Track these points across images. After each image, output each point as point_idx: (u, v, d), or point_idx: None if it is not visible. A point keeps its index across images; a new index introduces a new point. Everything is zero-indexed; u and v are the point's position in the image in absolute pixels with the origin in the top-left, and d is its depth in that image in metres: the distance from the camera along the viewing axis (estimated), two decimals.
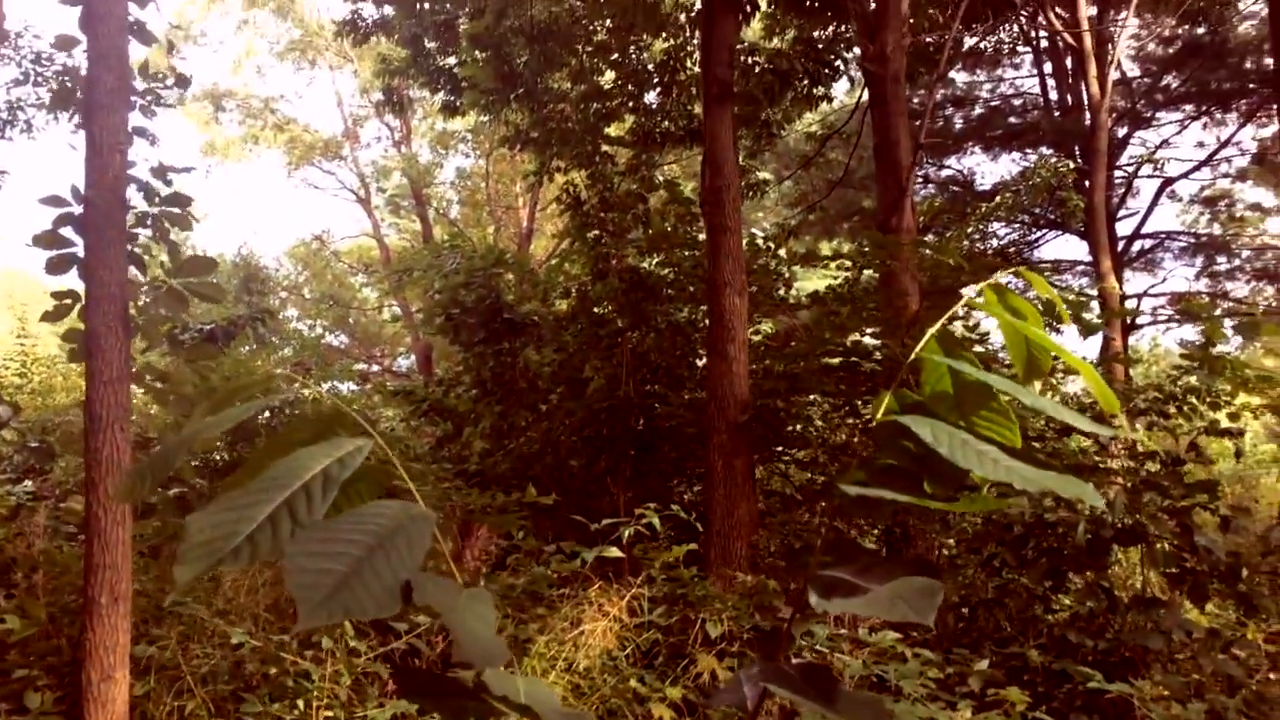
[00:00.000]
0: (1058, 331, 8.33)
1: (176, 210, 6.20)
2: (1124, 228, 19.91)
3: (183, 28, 25.48)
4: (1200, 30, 18.39)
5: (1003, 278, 1.73)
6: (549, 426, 11.81)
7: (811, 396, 10.17)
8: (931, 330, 1.72)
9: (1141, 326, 19.98)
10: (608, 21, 13.52)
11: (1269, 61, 16.67)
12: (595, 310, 12.27)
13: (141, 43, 6.13)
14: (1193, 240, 20.81)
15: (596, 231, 12.70)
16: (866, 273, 10.51)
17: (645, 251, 12.12)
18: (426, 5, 12.19)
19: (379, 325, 30.33)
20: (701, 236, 11.34)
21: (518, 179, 24.96)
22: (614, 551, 6.30)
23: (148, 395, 6.69)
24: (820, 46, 13.17)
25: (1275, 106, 16.39)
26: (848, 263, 10.62)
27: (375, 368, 30.24)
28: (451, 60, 13.46)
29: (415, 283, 14.05)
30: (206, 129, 28.33)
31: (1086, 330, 6.83)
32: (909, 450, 1.71)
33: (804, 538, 8.59)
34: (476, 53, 12.51)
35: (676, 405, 11.53)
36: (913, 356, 1.74)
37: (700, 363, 11.78)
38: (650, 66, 14.02)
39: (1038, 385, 1.88)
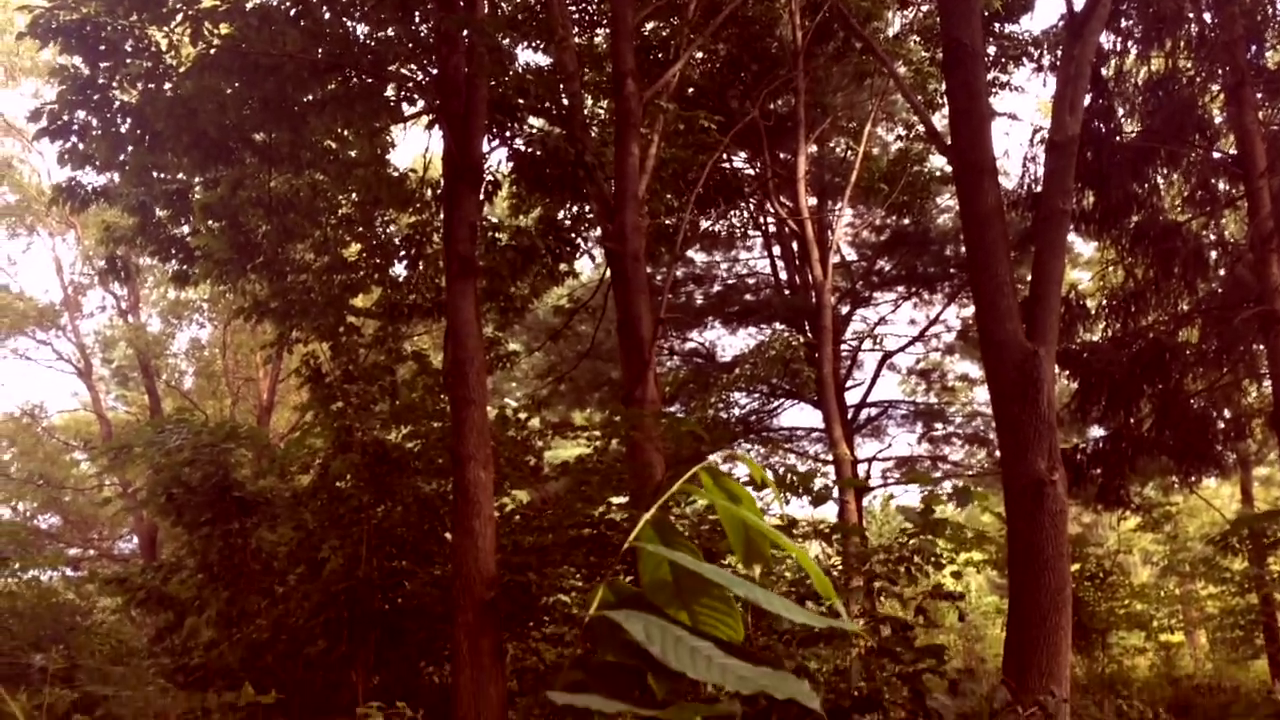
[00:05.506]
0: (798, 495, 8.58)
1: None
2: (853, 396, 21.28)
3: None
4: (905, 221, 20.44)
5: (718, 460, 1.71)
6: (283, 611, 10.99)
7: (562, 569, 10.00)
8: (645, 517, 1.66)
9: (873, 489, 21.16)
10: (353, 195, 13.42)
11: (964, 249, 18.63)
12: (337, 485, 11.70)
13: None
14: (912, 408, 22.50)
15: (340, 404, 12.24)
16: (615, 443, 10.62)
17: (392, 423, 11.76)
18: (156, 174, 11.63)
19: (96, 506, 27.81)
20: None
21: (258, 349, 23.99)
22: None
23: None
24: (564, 225, 13.58)
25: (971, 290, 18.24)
26: (596, 433, 10.70)
27: (92, 552, 27.54)
28: (185, 229, 12.85)
29: (136, 460, 12.97)
30: None
31: (816, 500, 7.15)
32: (630, 644, 1.60)
33: None
34: (211, 223, 12.04)
35: (424, 583, 11.03)
36: (627, 545, 1.66)
37: (451, 536, 11.40)
38: (397, 240, 13.96)
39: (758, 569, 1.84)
